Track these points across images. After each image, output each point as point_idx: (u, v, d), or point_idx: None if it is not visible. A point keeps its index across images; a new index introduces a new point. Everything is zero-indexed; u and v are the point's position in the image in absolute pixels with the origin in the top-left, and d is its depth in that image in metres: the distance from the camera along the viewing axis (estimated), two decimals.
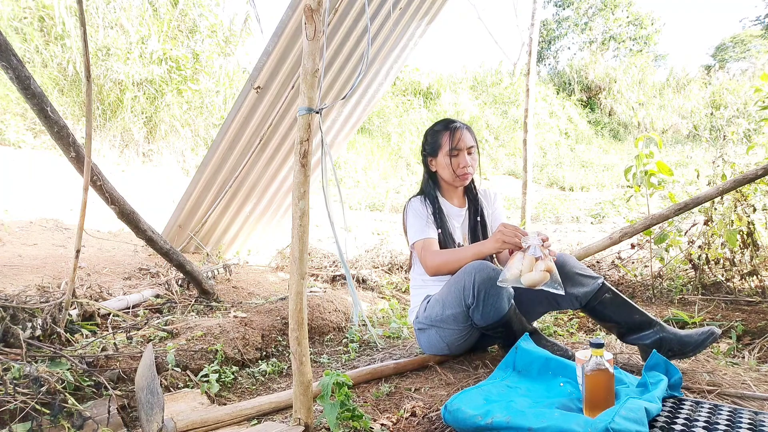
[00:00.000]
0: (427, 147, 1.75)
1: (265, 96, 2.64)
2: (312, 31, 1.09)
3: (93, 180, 1.65)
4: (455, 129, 1.67)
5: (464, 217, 1.77)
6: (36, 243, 3.05)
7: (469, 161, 1.67)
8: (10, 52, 1.37)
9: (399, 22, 2.99)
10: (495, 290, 1.43)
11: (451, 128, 1.68)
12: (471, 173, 1.70)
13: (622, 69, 13.86)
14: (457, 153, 1.66)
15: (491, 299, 1.43)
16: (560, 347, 1.52)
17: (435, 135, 1.71)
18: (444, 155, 1.68)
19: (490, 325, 1.48)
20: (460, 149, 1.65)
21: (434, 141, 1.71)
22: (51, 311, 1.58)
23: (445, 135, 1.68)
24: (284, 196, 3.39)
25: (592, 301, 1.54)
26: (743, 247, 2.42)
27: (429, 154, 1.75)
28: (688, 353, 1.46)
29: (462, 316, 1.51)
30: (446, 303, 1.54)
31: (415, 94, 11.31)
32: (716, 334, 1.43)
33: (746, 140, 3.24)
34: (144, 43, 6.10)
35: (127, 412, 1.28)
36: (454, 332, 1.57)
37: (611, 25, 16.77)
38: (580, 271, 1.56)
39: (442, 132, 1.69)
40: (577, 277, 1.55)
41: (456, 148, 1.65)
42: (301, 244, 1.12)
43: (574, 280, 1.54)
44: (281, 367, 1.70)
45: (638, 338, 1.52)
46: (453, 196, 1.79)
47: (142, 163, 5.96)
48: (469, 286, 1.44)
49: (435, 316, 1.57)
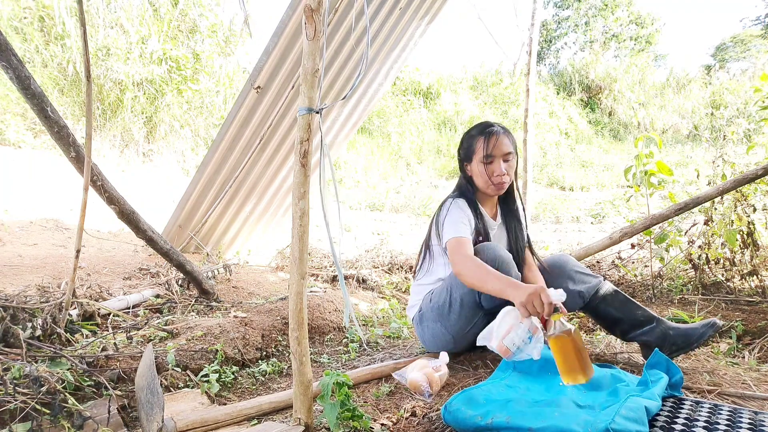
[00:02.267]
0: (461, 152, 1.68)
1: (265, 96, 2.64)
2: (312, 31, 1.09)
3: (93, 180, 1.65)
4: (491, 134, 1.57)
5: (497, 229, 1.70)
6: (36, 243, 3.05)
7: (504, 169, 1.57)
8: (10, 51, 1.37)
9: (399, 22, 2.99)
10: (506, 267, 1.44)
11: (486, 133, 1.58)
12: (507, 182, 1.60)
13: (622, 69, 13.85)
14: (492, 160, 1.57)
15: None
16: None
17: (470, 140, 1.64)
18: (478, 162, 1.59)
19: (497, 305, 1.47)
20: (494, 156, 1.56)
21: (469, 146, 1.63)
22: (51, 311, 1.58)
23: (479, 140, 1.59)
24: (284, 196, 3.39)
25: (594, 299, 1.54)
26: (743, 247, 2.42)
27: (464, 159, 1.67)
28: (692, 345, 1.46)
29: (470, 298, 1.50)
30: (455, 285, 1.52)
31: (415, 94, 11.31)
32: (718, 325, 1.44)
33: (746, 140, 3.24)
34: (144, 43, 6.10)
35: (127, 412, 1.28)
36: (459, 320, 1.54)
37: (611, 25, 16.77)
38: (581, 270, 1.57)
39: (477, 137, 1.60)
40: (579, 275, 1.55)
41: (490, 155, 1.56)
42: (301, 244, 1.12)
43: (575, 279, 1.54)
44: (281, 367, 1.70)
45: (641, 334, 1.52)
46: (488, 206, 1.70)
47: (142, 163, 5.96)
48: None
49: (442, 303, 1.55)
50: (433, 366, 1.46)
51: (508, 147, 1.58)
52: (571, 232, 5.63)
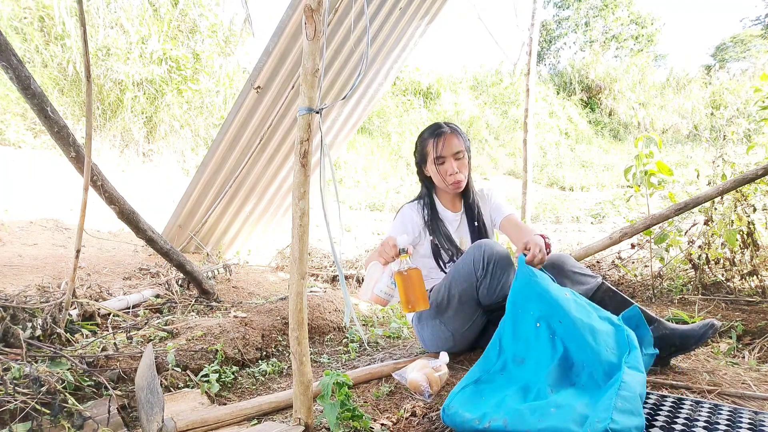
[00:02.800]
0: (417, 155, 1.74)
1: (265, 96, 2.64)
2: (312, 31, 1.09)
3: (93, 180, 1.65)
4: (439, 135, 1.64)
5: (459, 221, 1.75)
6: (36, 243, 3.05)
7: (455, 167, 1.63)
8: (10, 51, 1.37)
9: (399, 22, 2.99)
10: (503, 263, 1.47)
11: (435, 135, 1.65)
12: (461, 179, 1.66)
13: (622, 69, 13.85)
14: (443, 161, 1.63)
15: (499, 272, 1.46)
16: None
17: (423, 143, 1.70)
18: (431, 163, 1.66)
19: (494, 302, 1.49)
20: (444, 156, 1.63)
21: (422, 149, 1.70)
22: (51, 311, 1.58)
23: (430, 142, 1.66)
24: (284, 196, 3.39)
25: (593, 300, 1.54)
26: (743, 247, 2.42)
27: (420, 162, 1.74)
28: (690, 347, 1.46)
29: (468, 294, 1.52)
30: (454, 281, 1.54)
31: (415, 94, 11.31)
32: (716, 327, 1.44)
33: (746, 140, 3.24)
34: (144, 43, 6.10)
35: (127, 412, 1.28)
36: (458, 316, 1.56)
37: (611, 25, 16.77)
38: (579, 270, 1.57)
39: (428, 139, 1.67)
40: (576, 276, 1.55)
41: (441, 156, 1.63)
42: (301, 244, 1.12)
43: (573, 279, 1.54)
44: (281, 367, 1.70)
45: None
46: (448, 200, 1.77)
47: (142, 163, 5.96)
48: (479, 259, 1.47)
49: (440, 299, 1.57)
50: (433, 366, 1.46)
51: (457, 146, 1.64)
52: (571, 232, 5.64)
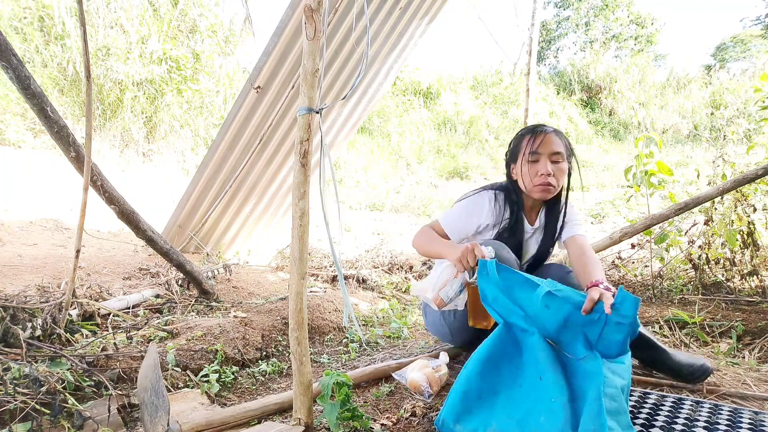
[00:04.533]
0: (508, 153, 1.57)
1: (265, 96, 2.64)
2: (312, 30, 1.09)
3: (93, 180, 1.65)
4: (539, 132, 1.46)
5: (531, 234, 1.59)
6: (36, 243, 3.05)
7: (550, 169, 1.42)
8: (10, 51, 1.37)
9: (399, 22, 2.99)
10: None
11: (535, 131, 1.47)
12: (552, 183, 1.44)
13: (622, 69, 13.86)
14: (537, 158, 1.44)
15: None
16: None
17: (518, 139, 1.52)
18: (523, 161, 1.48)
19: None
20: (540, 153, 1.44)
21: (516, 145, 1.52)
22: (51, 311, 1.58)
23: (526, 138, 1.48)
24: (284, 196, 3.39)
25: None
26: (743, 247, 2.42)
27: (510, 161, 1.56)
28: (680, 379, 1.42)
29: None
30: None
31: (415, 94, 11.31)
32: (710, 371, 1.39)
33: (746, 140, 3.24)
34: (144, 43, 6.10)
35: (127, 412, 1.28)
36: (457, 317, 1.56)
37: (612, 25, 16.77)
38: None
39: (525, 135, 1.49)
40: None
41: (536, 152, 1.44)
42: (301, 244, 1.12)
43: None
44: (281, 367, 1.70)
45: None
46: (528, 208, 1.59)
47: (142, 163, 5.96)
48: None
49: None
50: (433, 366, 1.46)
51: (557, 146, 1.44)
52: None
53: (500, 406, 1.13)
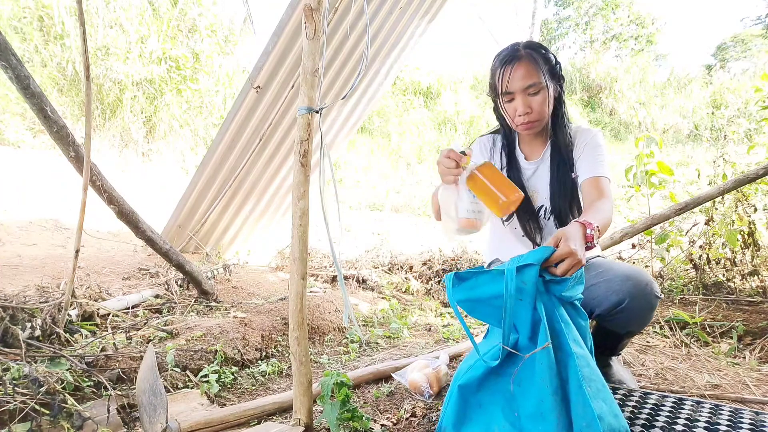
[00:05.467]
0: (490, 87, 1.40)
1: (265, 95, 2.64)
2: (312, 30, 1.08)
3: (92, 180, 1.65)
4: (507, 63, 1.29)
5: (533, 171, 1.41)
6: (35, 243, 3.05)
7: (523, 107, 1.28)
8: (9, 51, 1.37)
9: (399, 22, 2.98)
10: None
11: (504, 62, 1.30)
12: (532, 120, 1.30)
13: (623, 68, 13.84)
14: (512, 97, 1.30)
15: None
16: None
17: (492, 73, 1.35)
18: (500, 101, 1.35)
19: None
20: (511, 93, 1.29)
21: (492, 80, 1.36)
22: (50, 311, 1.58)
23: (497, 73, 1.31)
24: (284, 195, 3.39)
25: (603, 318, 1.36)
26: (744, 247, 2.42)
27: (493, 96, 1.39)
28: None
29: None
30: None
31: (415, 94, 11.30)
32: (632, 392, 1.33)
33: (747, 140, 3.24)
34: (143, 42, 6.09)
35: (126, 412, 1.28)
36: None
37: (612, 25, 16.76)
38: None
39: (497, 69, 1.32)
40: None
41: (506, 92, 1.30)
42: (301, 244, 1.11)
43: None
44: (281, 368, 1.69)
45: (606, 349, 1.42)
46: (526, 142, 1.44)
47: (142, 162, 5.95)
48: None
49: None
50: (433, 366, 1.45)
51: (529, 77, 1.26)
52: None
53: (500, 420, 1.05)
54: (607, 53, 15.56)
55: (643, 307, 1.24)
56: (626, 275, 1.25)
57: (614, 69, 13.76)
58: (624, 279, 1.24)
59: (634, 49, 16.56)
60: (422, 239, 4.69)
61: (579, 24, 16.96)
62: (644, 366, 1.65)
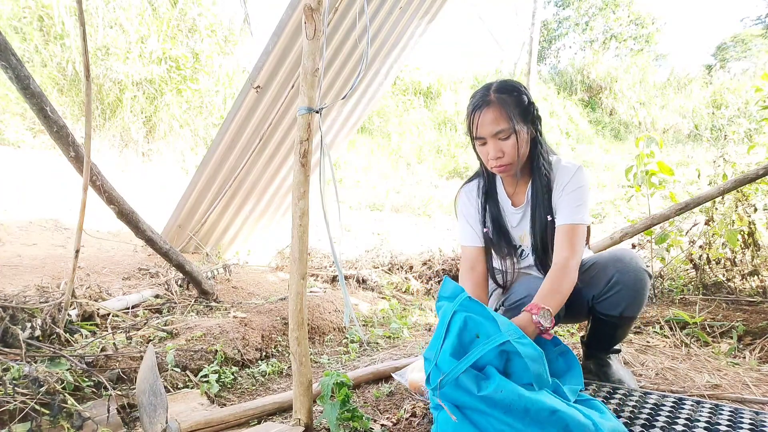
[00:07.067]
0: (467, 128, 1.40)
1: (265, 95, 2.64)
2: (312, 30, 1.08)
3: (92, 180, 1.65)
4: (474, 111, 1.30)
5: (521, 216, 1.42)
6: (35, 243, 3.05)
7: (494, 152, 1.28)
8: (9, 51, 1.37)
9: (399, 22, 2.98)
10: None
11: (474, 107, 1.31)
12: (506, 164, 1.29)
13: (623, 68, 13.84)
14: (483, 141, 1.31)
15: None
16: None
17: (466, 116, 1.36)
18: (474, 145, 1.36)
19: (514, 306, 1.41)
20: (482, 138, 1.30)
21: (467, 123, 1.36)
22: (50, 311, 1.58)
23: (469, 118, 1.33)
24: (284, 195, 3.39)
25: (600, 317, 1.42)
26: (744, 247, 2.42)
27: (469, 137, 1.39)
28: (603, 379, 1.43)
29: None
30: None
31: (415, 94, 11.30)
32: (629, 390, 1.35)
33: (747, 140, 3.24)
34: (143, 42, 6.09)
35: (126, 412, 1.28)
36: None
37: (612, 25, 16.76)
38: None
39: (469, 113, 1.33)
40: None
41: (478, 137, 1.31)
42: (301, 244, 1.11)
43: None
44: (281, 368, 1.69)
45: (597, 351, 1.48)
46: (509, 183, 1.43)
47: (142, 162, 5.95)
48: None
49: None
50: None
51: (497, 123, 1.26)
52: None
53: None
54: (607, 53, 15.56)
55: (632, 281, 1.30)
56: (614, 255, 1.35)
57: (614, 69, 13.75)
58: (612, 258, 1.35)
59: (633, 49, 16.56)
60: (422, 239, 4.69)
61: (579, 24, 16.95)
62: (644, 366, 1.65)
